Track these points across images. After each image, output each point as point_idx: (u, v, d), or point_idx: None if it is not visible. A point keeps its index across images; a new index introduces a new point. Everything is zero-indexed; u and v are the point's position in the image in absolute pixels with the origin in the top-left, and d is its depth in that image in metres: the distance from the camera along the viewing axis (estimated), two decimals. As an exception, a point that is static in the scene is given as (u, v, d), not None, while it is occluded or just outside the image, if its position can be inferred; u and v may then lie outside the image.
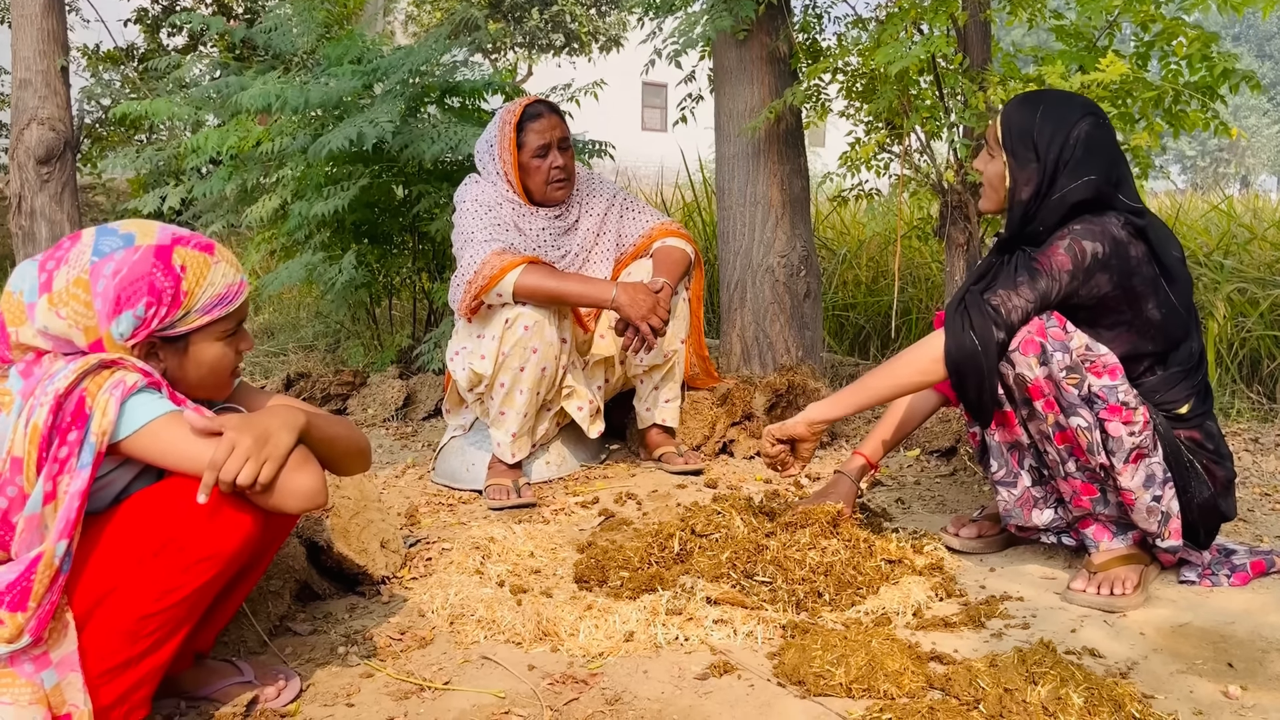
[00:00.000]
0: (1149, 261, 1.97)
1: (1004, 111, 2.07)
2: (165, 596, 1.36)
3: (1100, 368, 1.89)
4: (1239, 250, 4.71)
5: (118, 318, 1.39)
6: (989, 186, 2.10)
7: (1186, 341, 2.02)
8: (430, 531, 2.45)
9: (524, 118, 2.78)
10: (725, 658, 1.74)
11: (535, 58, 16.60)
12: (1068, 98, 2.07)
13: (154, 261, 1.41)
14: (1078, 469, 1.96)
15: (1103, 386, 1.88)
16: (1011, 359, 1.91)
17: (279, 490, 1.37)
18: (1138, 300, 1.96)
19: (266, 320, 5.62)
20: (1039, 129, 2.01)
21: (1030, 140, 2.01)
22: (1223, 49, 2.80)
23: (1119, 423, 1.88)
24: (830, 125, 4.00)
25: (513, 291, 2.59)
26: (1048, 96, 2.07)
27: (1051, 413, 1.91)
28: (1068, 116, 2.01)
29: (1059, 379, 1.88)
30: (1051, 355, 1.88)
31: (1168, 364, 2.00)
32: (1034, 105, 2.04)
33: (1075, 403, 1.89)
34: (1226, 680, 1.66)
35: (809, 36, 3.62)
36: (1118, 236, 1.95)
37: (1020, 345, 1.90)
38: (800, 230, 3.51)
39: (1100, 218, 1.97)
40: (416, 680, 1.69)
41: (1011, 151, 2.03)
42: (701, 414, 3.09)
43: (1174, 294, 1.98)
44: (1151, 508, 1.92)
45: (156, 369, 1.45)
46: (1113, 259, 1.93)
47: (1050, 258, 1.94)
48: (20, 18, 4.63)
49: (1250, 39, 40.28)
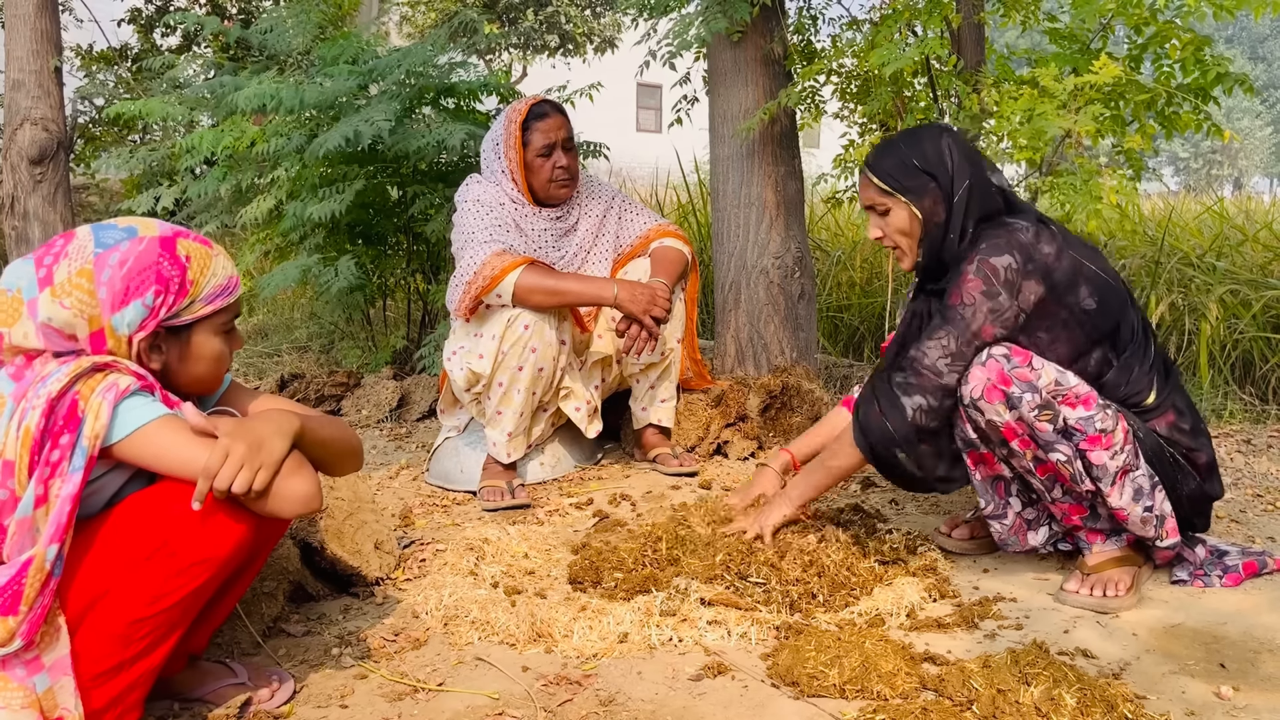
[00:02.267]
0: (1063, 253, 1.95)
1: (870, 168, 2.06)
2: (158, 601, 1.35)
3: (1073, 398, 1.86)
4: (1231, 252, 4.72)
5: (124, 308, 1.39)
6: (901, 241, 2.07)
7: (1125, 319, 1.99)
8: (424, 533, 2.45)
9: (530, 116, 2.79)
10: (719, 659, 1.74)
11: (530, 59, 16.60)
12: (911, 129, 2.11)
13: (160, 251, 1.42)
14: (1064, 494, 1.95)
15: (1079, 419, 1.85)
16: (979, 407, 1.87)
17: (274, 496, 1.37)
18: (1066, 294, 1.95)
19: (261, 321, 5.61)
20: (916, 154, 2.02)
21: (914, 169, 2.01)
22: (1216, 51, 2.81)
23: (1100, 450, 1.86)
24: (825, 127, 4.00)
25: (513, 292, 2.59)
26: (893, 138, 2.10)
27: (1029, 450, 1.89)
28: (927, 135, 2.05)
29: (1031, 420, 1.85)
30: (1020, 398, 1.85)
31: (1118, 349, 1.99)
32: (893, 145, 2.06)
33: (1052, 439, 1.86)
34: (1219, 681, 1.66)
35: (803, 38, 3.63)
36: (1023, 240, 1.93)
37: (984, 393, 1.86)
38: (794, 232, 3.52)
39: (1001, 228, 1.96)
40: (410, 681, 1.69)
41: (905, 190, 2.02)
42: (696, 415, 3.09)
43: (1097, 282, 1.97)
44: (1145, 517, 1.92)
45: (158, 362, 1.45)
46: (1028, 263, 1.92)
47: (960, 289, 1.93)
48: (13, 17, 4.61)
49: (1243, 41, 40.41)
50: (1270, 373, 3.76)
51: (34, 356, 1.38)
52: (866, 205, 2.10)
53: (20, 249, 4.59)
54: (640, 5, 3.57)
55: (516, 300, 2.60)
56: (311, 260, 3.72)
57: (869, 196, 2.08)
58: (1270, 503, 2.60)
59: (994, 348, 1.88)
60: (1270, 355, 3.79)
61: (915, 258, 2.07)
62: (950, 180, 2.00)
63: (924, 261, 2.06)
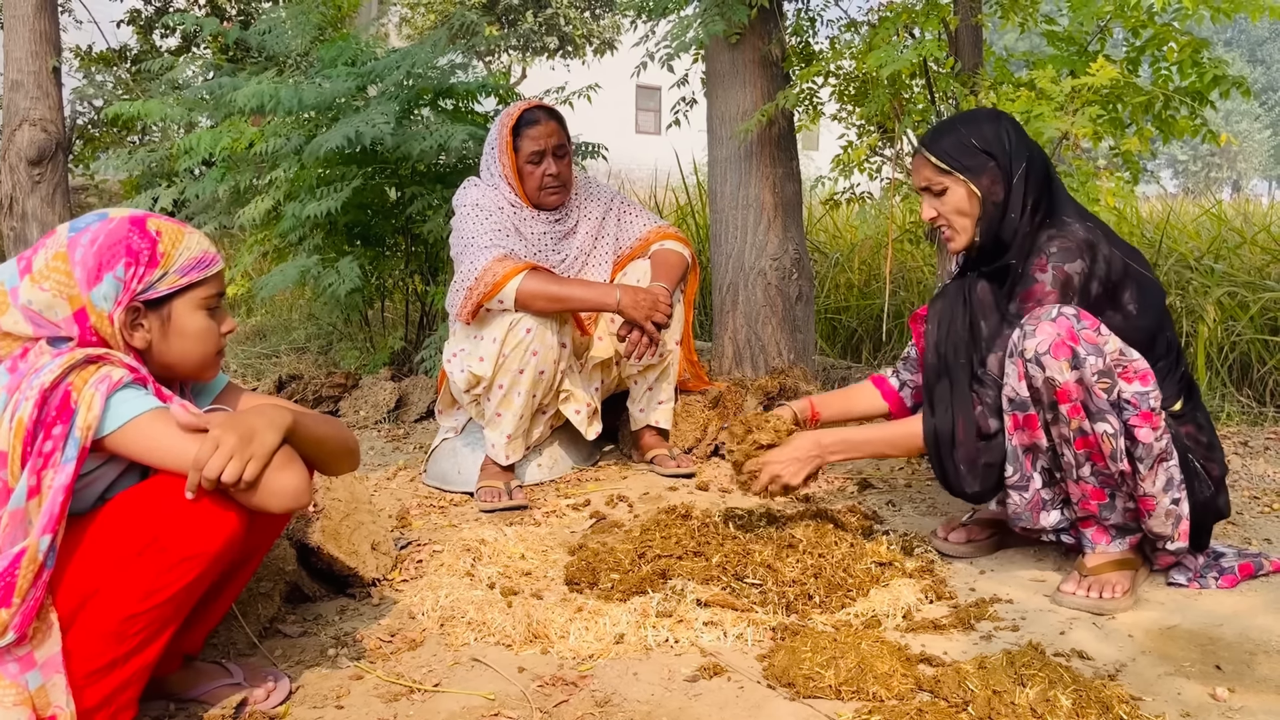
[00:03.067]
0: (1113, 253, 1.98)
1: (928, 148, 2.07)
2: (150, 596, 1.35)
3: (1132, 373, 1.85)
4: (1229, 254, 4.73)
5: (99, 283, 1.41)
6: (956, 219, 2.08)
7: (1161, 331, 2.01)
8: (421, 534, 2.45)
9: (521, 122, 2.79)
10: (715, 660, 1.74)
11: (529, 60, 16.61)
12: (967, 111, 2.13)
13: (129, 227, 1.44)
14: (1092, 473, 1.93)
15: (1135, 393, 1.85)
16: (1042, 362, 1.86)
17: (263, 489, 1.37)
18: (1116, 295, 1.97)
19: (258, 322, 5.61)
20: (974, 135, 2.04)
21: (973, 148, 2.03)
22: (1214, 54, 2.82)
23: (1148, 428, 1.85)
24: (823, 129, 4.01)
25: (515, 299, 2.59)
26: (949, 119, 2.12)
27: (1077, 418, 1.87)
28: (985, 116, 2.08)
29: (1090, 383, 1.84)
30: (1085, 359, 1.83)
31: (1151, 358, 1.99)
32: (950, 126, 2.08)
33: (1104, 408, 1.85)
34: (1214, 682, 1.66)
35: (801, 40, 3.63)
36: (1088, 239, 1.96)
37: (1051, 348, 1.85)
38: (792, 233, 3.52)
39: (1066, 229, 1.98)
40: (406, 682, 1.69)
41: (964, 169, 2.03)
42: (693, 416, 3.09)
43: (1141, 282, 1.99)
44: (1170, 510, 1.91)
45: (141, 340, 1.45)
46: (1094, 264, 1.94)
47: (1036, 300, 1.95)
48: (12, 18, 4.62)
49: (1242, 44, 40.45)
50: (1268, 375, 3.77)
51: (29, 348, 1.39)
52: (922, 186, 2.11)
53: (19, 250, 4.60)
54: (639, 7, 3.57)
55: (518, 306, 2.61)
56: (310, 261, 3.72)
57: (926, 176, 2.09)
58: (1267, 504, 2.60)
59: (1065, 308, 1.88)
60: (1268, 357, 3.79)
61: (971, 237, 2.09)
62: (1009, 159, 2.02)
63: (982, 240, 2.07)
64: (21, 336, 1.40)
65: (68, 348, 1.39)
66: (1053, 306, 1.89)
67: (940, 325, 2.16)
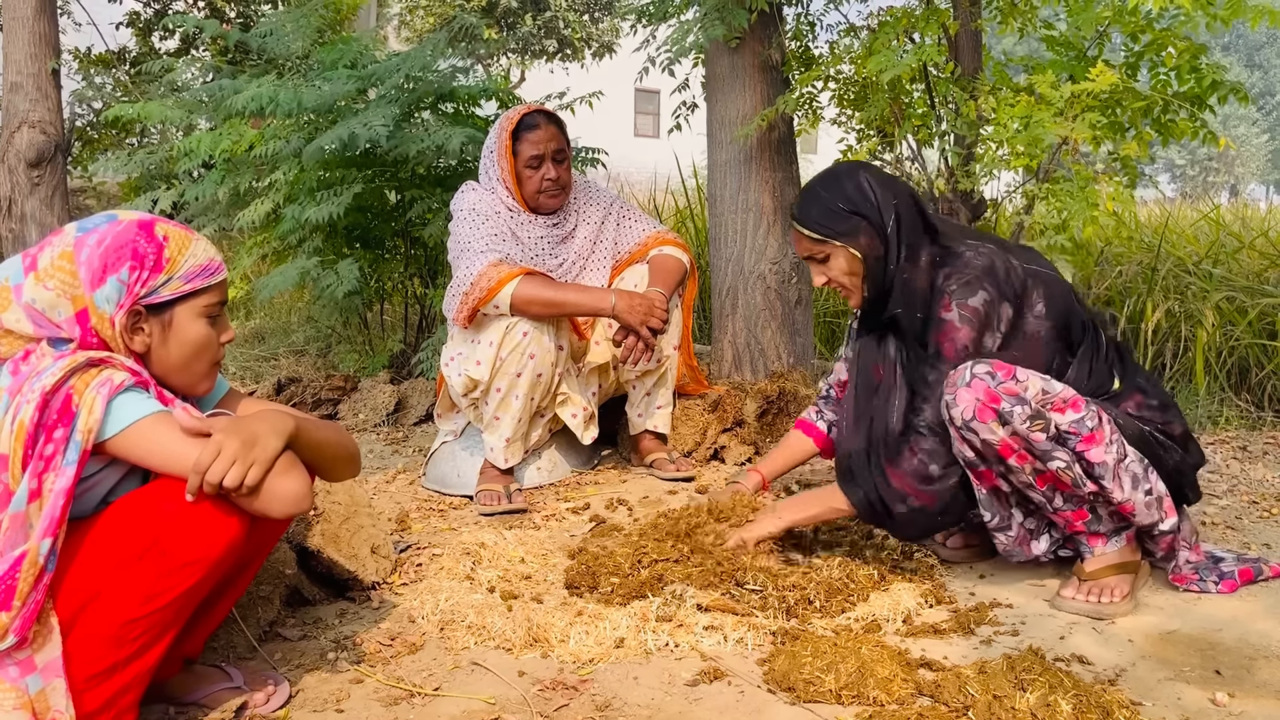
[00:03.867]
0: (1010, 265, 2.00)
1: (800, 221, 2.09)
2: (150, 601, 1.35)
3: (1062, 403, 1.86)
4: (1228, 259, 4.73)
5: (103, 284, 1.41)
6: (847, 280, 2.11)
7: (1073, 314, 2.03)
8: (421, 537, 2.45)
9: (520, 126, 2.79)
10: (715, 664, 1.74)
11: (528, 63, 16.63)
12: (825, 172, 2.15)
13: (137, 231, 1.45)
14: (1065, 501, 1.95)
15: (1071, 422, 1.86)
16: (973, 428, 1.88)
17: (264, 494, 1.37)
18: (1025, 302, 2.00)
19: (257, 324, 5.61)
20: (839, 198, 2.07)
21: (842, 213, 2.06)
22: (1212, 59, 2.82)
23: (1096, 447, 1.87)
24: (822, 132, 4.01)
25: (510, 303, 2.59)
26: (811, 186, 2.14)
27: (1027, 463, 1.89)
28: (844, 173, 2.10)
29: (1025, 433, 1.85)
30: (1010, 413, 1.85)
31: (1072, 347, 2.02)
32: (814, 195, 2.10)
33: (1048, 448, 1.86)
34: (1214, 687, 1.67)
35: (801, 44, 3.63)
36: (985, 266, 1.98)
37: (976, 414, 1.86)
38: (792, 237, 3.52)
39: (959, 261, 2.00)
40: (406, 686, 1.69)
41: (839, 235, 2.06)
42: (693, 420, 3.09)
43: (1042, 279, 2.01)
44: (1148, 502, 1.92)
45: (141, 344, 1.45)
46: (999, 288, 1.97)
47: (951, 340, 1.97)
48: (11, 20, 4.62)
49: (1240, 49, 40.54)
50: (1266, 379, 3.77)
51: (31, 351, 1.39)
52: (804, 256, 2.15)
53: (18, 251, 4.59)
54: (639, 11, 3.58)
55: (514, 310, 2.61)
56: (310, 263, 3.72)
57: (806, 248, 2.12)
58: (1266, 509, 2.60)
59: (976, 366, 1.89)
60: (1266, 362, 3.80)
61: (863, 294, 2.12)
62: (879, 214, 2.05)
63: (869, 295, 2.11)
64: (23, 336, 1.40)
65: (69, 350, 1.39)
66: (965, 369, 1.89)
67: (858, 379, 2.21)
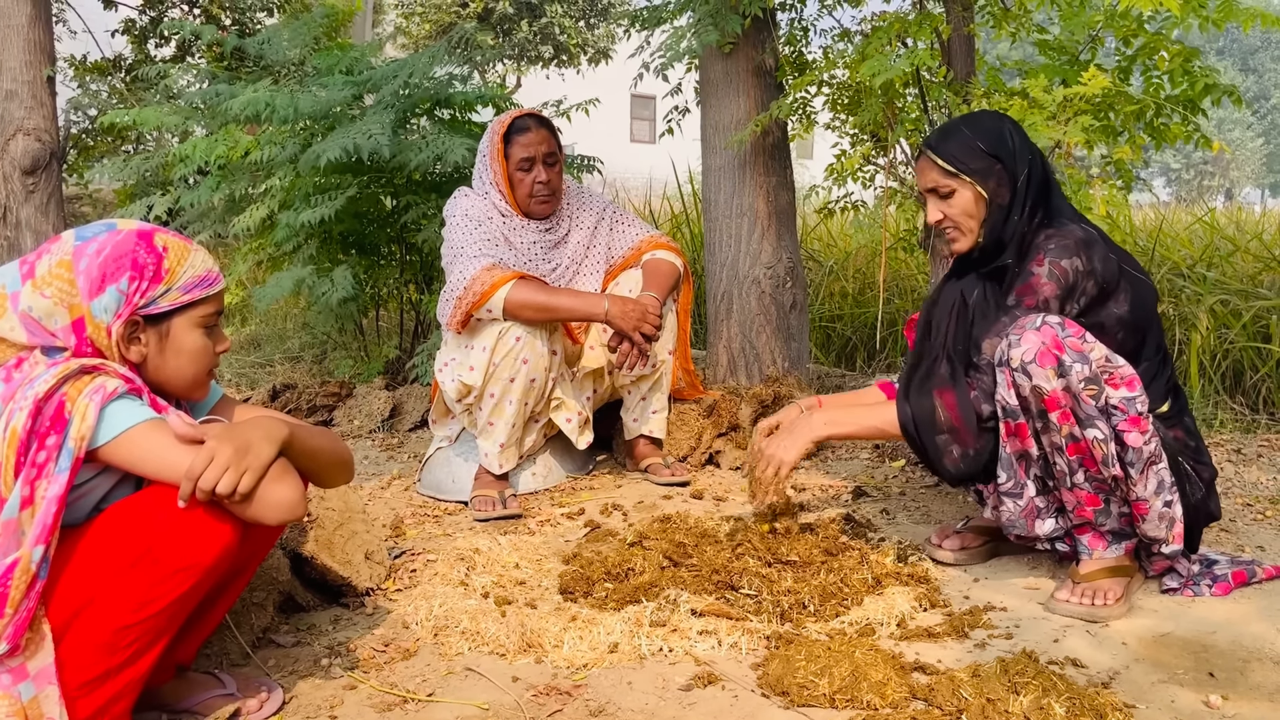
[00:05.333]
0: (1108, 255, 2.00)
1: (934, 150, 2.08)
2: (143, 608, 1.35)
3: (1119, 379, 1.86)
4: (1222, 262, 4.74)
5: (101, 294, 1.41)
6: (964, 221, 2.09)
7: (1151, 332, 2.03)
8: (415, 543, 2.45)
9: (511, 129, 2.79)
10: (709, 669, 1.74)
11: (524, 70, 16.65)
12: (971, 114, 2.15)
13: (137, 241, 1.45)
14: (1086, 479, 1.93)
15: (1122, 398, 1.85)
16: (1029, 370, 1.87)
17: (258, 501, 1.37)
18: (1111, 295, 1.99)
19: (253, 331, 5.61)
20: (980, 138, 2.06)
21: (980, 151, 2.05)
22: (1206, 63, 2.84)
23: (1137, 433, 1.86)
24: (817, 137, 4.03)
25: (503, 308, 2.59)
26: (954, 122, 2.13)
27: (1067, 424, 1.88)
28: (989, 119, 2.10)
29: (1077, 390, 1.84)
30: (1070, 367, 1.84)
31: (1139, 360, 2.01)
32: (956, 129, 2.10)
33: (1093, 414, 1.85)
34: (1208, 690, 1.67)
35: (795, 50, 3.64)
36: (1085, 239, 1.98)
37: (1036, 356, 1.86)
38: (786, 242, 3.53)
39: (1064, 228, 2.01)
40: (400, 692, 1.69)
41: (971, 172, 2.05)
42: (688, 425, 3.09)
43: (1134, 283, 2.01)
44: (1163, 514, 1.92)
45: (137, 354, 1.45)
46: (1091, 263, 1.96)
47: (1035, 291, 1.96)
48: (6, 28, 4.61)
49: (1234, 53, 40.66)
50: (1260, 382, 3.78)
51: (24, 358, 1.38)
52: (928, 188, 2.12)
53: (13, 259, 4.58)
54: (634, 18, 3.59)
55: (507, 315, 2.61)
56: (305, 271, 3.72)
57: (932, 179, 2.10)
58: (1260, 512, 2.61)
59: (1049, 316, 1.89)
60: (1260, 365, 3.80)
61: (975, 238, 2.10)
62: (1014, 162, 2.04)
63: (985, 241, 2.09)
64: (15, 344, 1.40)
65: (63, 358, 1.39)
66: (1038, 315, 1.90)
67: (934, 319, 2.18)
